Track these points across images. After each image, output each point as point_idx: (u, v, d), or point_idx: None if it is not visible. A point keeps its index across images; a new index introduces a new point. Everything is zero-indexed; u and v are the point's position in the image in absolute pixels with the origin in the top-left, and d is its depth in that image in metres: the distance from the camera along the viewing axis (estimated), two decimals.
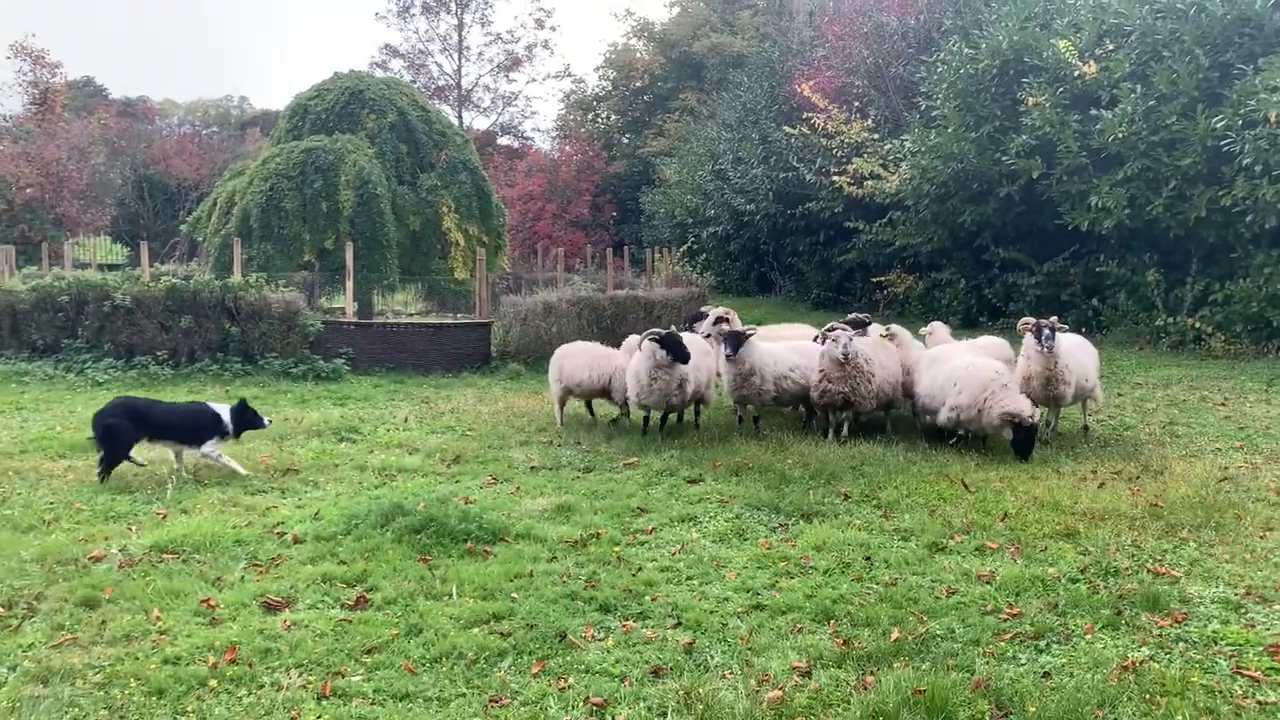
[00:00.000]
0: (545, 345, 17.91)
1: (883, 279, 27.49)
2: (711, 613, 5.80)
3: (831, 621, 5.65)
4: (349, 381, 15.87)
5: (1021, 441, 9.55)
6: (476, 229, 22.34)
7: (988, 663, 5.05)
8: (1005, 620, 5.62)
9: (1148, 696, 4.63)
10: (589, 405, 12.76)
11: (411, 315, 23.50)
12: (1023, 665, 5.05)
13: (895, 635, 5.35)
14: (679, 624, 5.64)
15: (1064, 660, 5.08)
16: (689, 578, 6.43)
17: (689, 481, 9.04)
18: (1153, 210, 18.56)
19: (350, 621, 5.63)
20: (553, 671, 5.04)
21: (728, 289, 37.10)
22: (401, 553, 6.75)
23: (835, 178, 26.08)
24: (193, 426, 9.11)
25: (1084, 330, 20.61)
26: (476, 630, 5.52)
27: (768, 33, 41.05)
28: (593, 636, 5.47)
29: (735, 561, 6.75)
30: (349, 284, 18.20)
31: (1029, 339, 10.32)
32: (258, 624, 5.59)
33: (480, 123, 59.06)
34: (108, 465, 8.81)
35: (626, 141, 57.30)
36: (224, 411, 9.24)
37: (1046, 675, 4.91)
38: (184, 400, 11.08)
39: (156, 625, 5.56)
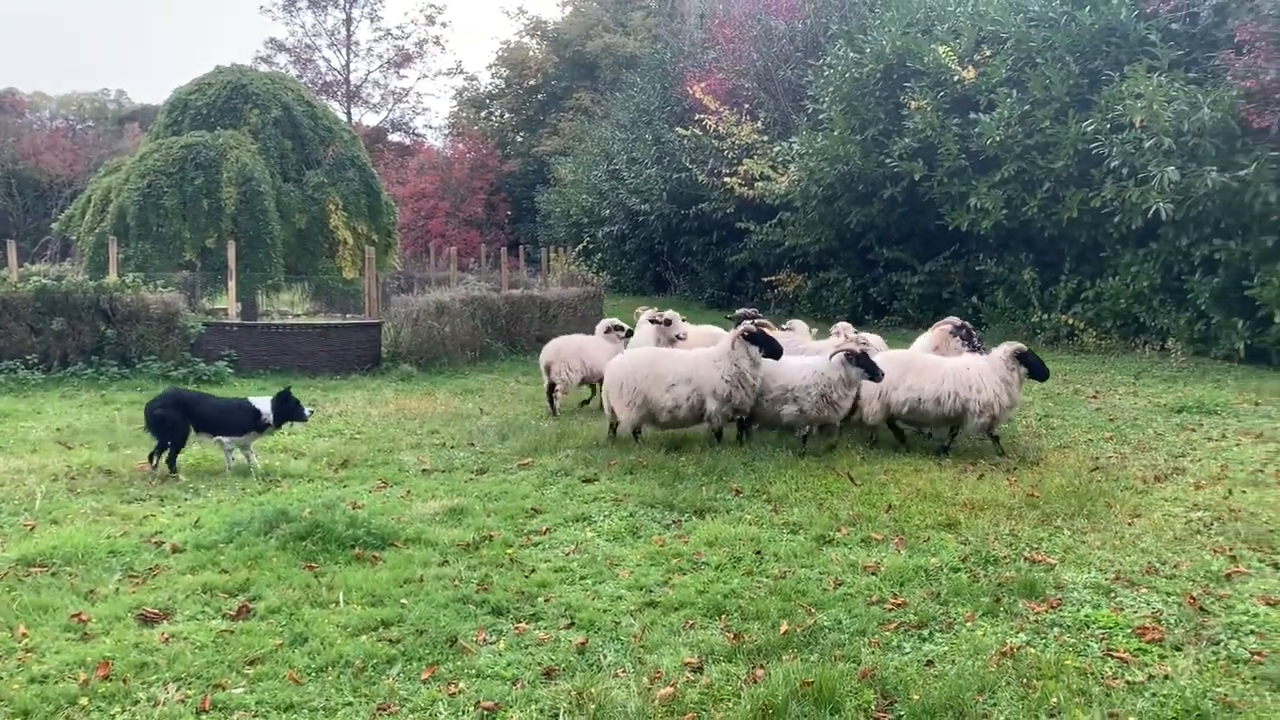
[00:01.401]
0: (437, 346, 17.69)
1: (773, 278, 27.96)
2: (605, 612, 5.79)
3: (723, 616, 5.70)
4: (232, 385, 15.37)
5: None
6: (365, 227, 21.94)
7: (873, 652, 5.17)
8: (890, 610, 5.76)
9: (1025, 681, 4.80)
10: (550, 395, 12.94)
11: (298, 316, 22.91)
12: (907, 654, 5.18)
13: (784, 628, 5.43)
14: (572, 624, 5.62)
15: (946, 648, 5.23)
16: (583, 577, 6.41)
17: (584, 481, 9.02)
18: (1028, 211, 19.31)
19: (232, 632, 5.45)
20: (443, 677, 4.96)
21: (624, 288, 37.25)
22: (286, 560, 6.56)
23: (727, 179, 26.43)
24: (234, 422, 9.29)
25: None
26: (364, 637, 5.40)
27: (660, 34, 41.38)
28: (484, 640, 5.41)
29: (629, 560, 6.76)
30: (231, 284, 17.64)
31: (955, 342, 10.73)
32: (133, 638, 5.36)
33: (370, 119, 57.97)
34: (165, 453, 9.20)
35: (521, 140, 56.97)
36: (263, 404, 9.37)
37: (930, 663, 5.04)
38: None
39: (22, 643, 5.28)
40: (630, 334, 12.96)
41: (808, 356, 10.36)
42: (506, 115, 59.40)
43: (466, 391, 15.14)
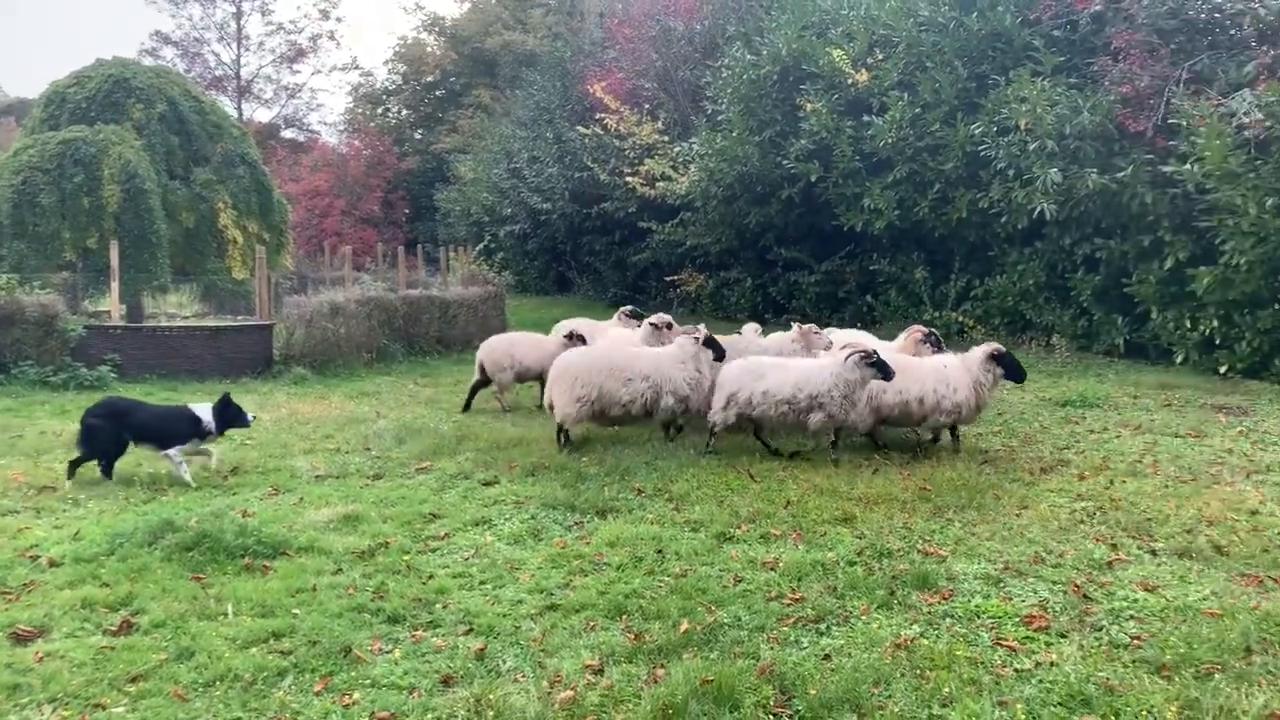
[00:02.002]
0: (332, 348, 17.27)
1: (676, 278, 28.13)
2: (504, 616, 5.72)
3: (624, 617, 5.69)
4: (116, 390, 14.73)
5: None
6: (256, 226, 21.31)
7: (772, 648, 5.22)
8: (788, 605, 5.83)
9: (918, 671, 4.90)
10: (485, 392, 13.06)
11: (186, 318, 22.10)
12: (805, 649, 5.24)
13: (685, 626, 5.44)
14: (471, 630, 5.53)
15: (843, 641, 5.31)
16: (482, 582, 6.32)
17: (484, 484, 8.91)
18: (919, 212, 19.81)
19: (113, 648, 5.21)
20: (337, 688, 4.83)
21: (526, 288, 37.00)
22: (172, 572, 6.31)
23: (628, 178, 26.47)
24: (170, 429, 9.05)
25: (859, 325, 21.80)
26: (254, 650, 5.22)
27: (560, 32, 41.24)
28: (380, 649, 5.28)
29: (530, 563, 6.69)
30: (115, 285, 16.90)
31: (925, 349, 10.93)
32: (5, 658, 5.09)
33: (262, 115, 56.47)
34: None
35: (419, 137, 56.18)
36: (204, 411, 9.17)
37: (827, 657, 5.11)
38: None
39: None
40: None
41: (818, 359, 10.12)
42: (404, 112, 58.49)
43: (362, 394, 14.82)
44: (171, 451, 8.97)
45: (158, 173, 19.60)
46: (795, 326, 11.99)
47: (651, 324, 12.20)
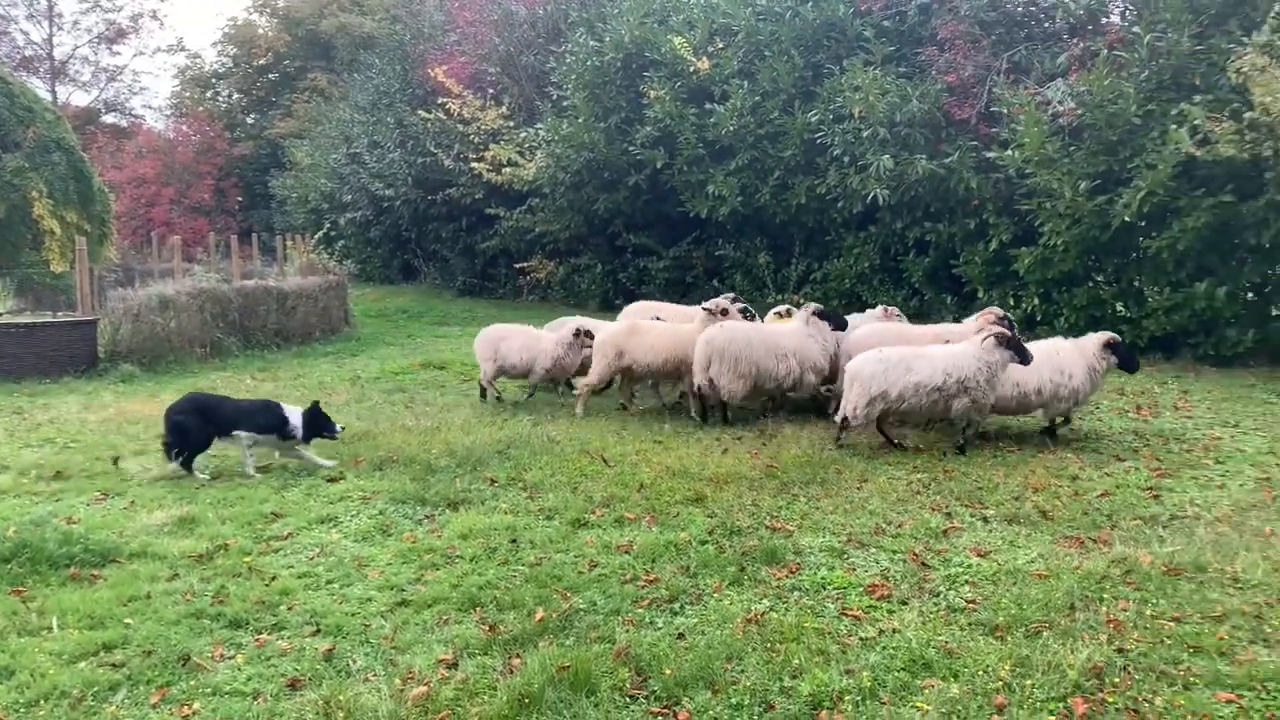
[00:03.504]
0: (162, 343, 16.42)
1: (526, 265, 27.92)
2: (353, 615, 5.57)
3: (478, 609, 5.62)
4: None
5: None
6: (75, 216, 20.08)
7: (628, 631, 5.25)
8: (643, 587, 5.88)
9: (769, 645, 5.02)
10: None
11: (0, 315, 20.59)
12: (660, 629, 5.30)
13: (540, 615, 5.42)
14: (318, 631, 5.35)
15: (696, 620, 5.40)
16: (329, 581, 6.13)
17: (329, 480, 8.64)
18: (761, 198, 20.28)
19: None
20: (175, 699, 4.60)
21: (370, 277, 36.02)
22: None
23: (474, 164, 26.09)
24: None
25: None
26: (83, 664, 4.92)
27: (398, 15, 40.14)
28: (221, 655, 5.06)
29: (379, 559, 6.53)
30: None
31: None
32: None
33: (80, 99, 53.00)
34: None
35: (252, 122, 53.93)
36: (294, 413, 9.03)
37: (681, 636, 5.18)
38: None
39: None
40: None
41: (952, 345, 9.63)
42: (235, 96, 56.00)
43: (197, 391, 14.13)
44: (243, 435, 8.86)
45: None
46: (881, 308, 12.49)
47: (708, 309, 11.37)
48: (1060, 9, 16.93)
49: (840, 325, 10.99)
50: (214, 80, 56.42)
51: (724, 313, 11.31)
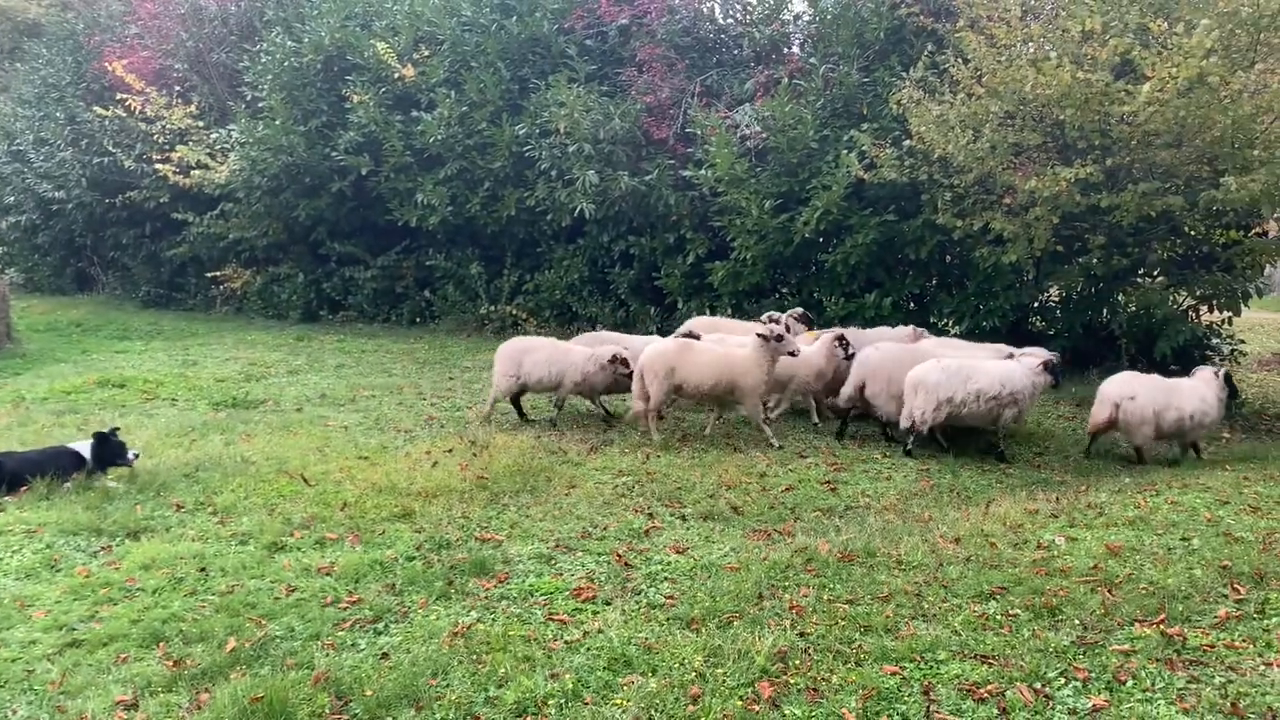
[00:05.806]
0: None
1: (219, 274, 26.18)
2: (13, 661, 5.01)
3: (161, 644, 5.23)
4: None
5: None
6: None
7: (328, 655, 5.07)
8: (345, 609, 5.70)
9: (475, 656, 5.02)
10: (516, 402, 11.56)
11: None
12: (362, 651, 5.16)
13: (231, 645, 5.12)
14: None
15: (401, 638, 5.30)
16: None
17: None
18: (471, 208, 20.21)
19: None
20: None
21: (39, 287, 32.42)
22: None
23: (159, 165, 24.16)
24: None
25: (419, 320, 21.88)
26: None
27: (70, 2, 36.51)
28: None
29: (45, 598, 5.91)
30: None
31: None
32: None
33: None
34: None
35: None
36: (84, 448, 8.54)
37: (385, 655, 5.07)
38: None
39: None
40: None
41: (1005, 362, 10.56)
42: None
43: None
44: None
45: None
46: (911, 329, 12.43)
47: (761, 336, 10.40)
48: (747, 38, 18.13)
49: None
50: None
51: (779, 339, 10.35)
